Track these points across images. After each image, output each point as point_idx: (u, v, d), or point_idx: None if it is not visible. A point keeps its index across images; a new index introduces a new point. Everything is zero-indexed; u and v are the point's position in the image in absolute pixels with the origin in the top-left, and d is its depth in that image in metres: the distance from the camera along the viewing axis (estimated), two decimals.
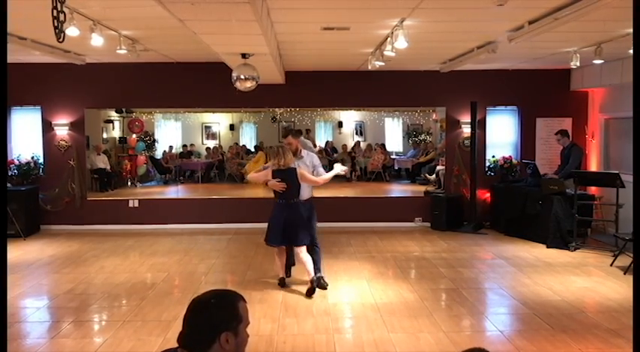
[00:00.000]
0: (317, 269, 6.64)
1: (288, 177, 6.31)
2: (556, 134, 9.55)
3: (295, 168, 6.37)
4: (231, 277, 7.33)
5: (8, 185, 10.07)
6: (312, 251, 6.61)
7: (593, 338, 5.07)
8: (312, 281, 6.38)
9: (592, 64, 8.67)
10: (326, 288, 6.60)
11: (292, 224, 6.32)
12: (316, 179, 6.59)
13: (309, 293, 6.36)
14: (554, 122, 10.78)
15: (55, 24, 3.59)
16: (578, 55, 8.05)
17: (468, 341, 5.03)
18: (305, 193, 6.55)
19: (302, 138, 13.35)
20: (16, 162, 10.34)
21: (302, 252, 6.39)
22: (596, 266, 7.67)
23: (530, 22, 6.26)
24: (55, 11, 3.56)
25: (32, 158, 10.47)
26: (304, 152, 6.83)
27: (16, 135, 10.61)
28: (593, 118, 10.72)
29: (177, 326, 2.04)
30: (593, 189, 9.99)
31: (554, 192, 8.82)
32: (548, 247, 8.71)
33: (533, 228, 9.21)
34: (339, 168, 6.68)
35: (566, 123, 10.68)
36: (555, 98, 10.86)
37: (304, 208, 6.51)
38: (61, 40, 3.69)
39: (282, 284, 6.72)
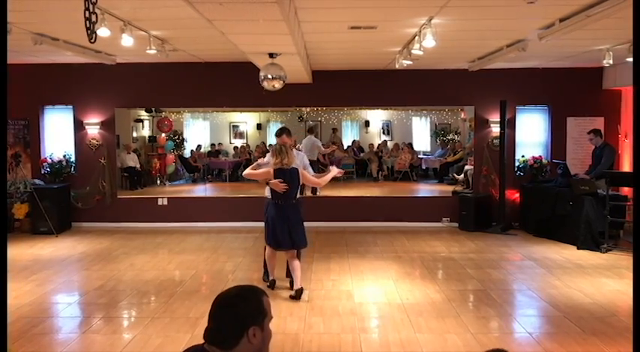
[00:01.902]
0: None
1: (290, 177, 6.10)
2: (589, 133, 9.39)
3: (297, 169, 6.18)
4: (258, 275, 7.36)
5: (41, 183, 10.32)
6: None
7: (626, 342, 4.95)
8: (298, 291, 6.22)
9: (625, 61, 8.47)
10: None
11: (294, 225, 6.17)
12: (318, 180, 6.55)
13: (297, 297, 6.19)
14: (585, 121, 10.58)
15: (87, 25, 3.67)
16: (611, 53, 7.89)
17: (496, 343, 4.97)
18: (296, 193, 6.34)
19: (312, 136, 13.31)
20: (49, 161, 10.56)
21: (295, 257, 6.30)
22: (628, 268, 7.48)
23: (561, 20, 6.16)
24: (87, 12, 3.64)
25: (64, 156, 10.69)
26: (294, 151, 6.62)
27: (48, 134, 10.85)
28: (626, 117, 10.47)
29: (205, 323, 2.05)
30: (625, 190, 9.76)
31: (585, 192, 8.66)
32: (578, 249, 8.55)
33: (563, 229, 9.05)
34: (335, 171, 6.50)
35: (598, 123, 10.47)
36: (587, 97, 10.65)
37: (301, 208, 6.38)
38: (92, 40, 3.77)
39: (273, 285, 6.50)
